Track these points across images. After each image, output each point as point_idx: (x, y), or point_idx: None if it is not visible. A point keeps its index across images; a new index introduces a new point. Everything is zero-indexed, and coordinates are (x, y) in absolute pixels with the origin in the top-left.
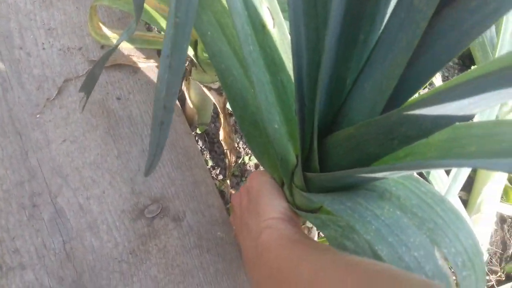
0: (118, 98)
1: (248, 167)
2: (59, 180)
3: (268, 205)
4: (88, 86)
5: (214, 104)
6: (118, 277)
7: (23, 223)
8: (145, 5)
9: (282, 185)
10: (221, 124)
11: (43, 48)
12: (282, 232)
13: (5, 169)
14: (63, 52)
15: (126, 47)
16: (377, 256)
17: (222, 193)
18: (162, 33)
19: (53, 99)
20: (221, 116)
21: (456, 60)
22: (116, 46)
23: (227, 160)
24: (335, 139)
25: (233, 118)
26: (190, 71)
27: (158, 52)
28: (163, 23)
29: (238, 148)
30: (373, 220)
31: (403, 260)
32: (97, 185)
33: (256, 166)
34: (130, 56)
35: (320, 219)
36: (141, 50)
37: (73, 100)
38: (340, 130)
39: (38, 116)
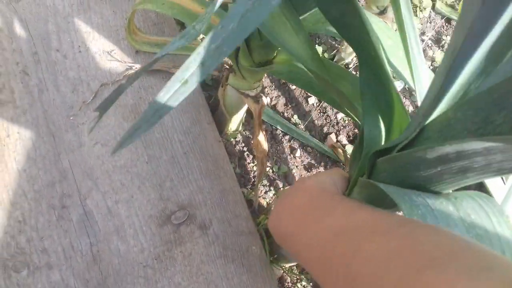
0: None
1: (276, 176)
2: (89, 183)
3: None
4: (108, 103)
5: (246, 112)
6: (143, 282)
7: (52, 223)
8: (182, 4)
9: None
10: (255, 132)
11: (79, 51)
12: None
13: (38, 169)
14: (99, 55)
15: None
16: None
17: (249, 203)
18: (199, 39)
19: (88, 103)
20: (256, 123)
21: None
22: (163, 54)
23: (258, 168)
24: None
25: (264, 126)
26: (227, 78)
27: None
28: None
29: (268, 158)
30: (423, 206)
31: None
32: (126, 189)
33: (285, 176)
34: (164, 62)
35: None
36: (174, 55)
37: None
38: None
39: (71, 118)
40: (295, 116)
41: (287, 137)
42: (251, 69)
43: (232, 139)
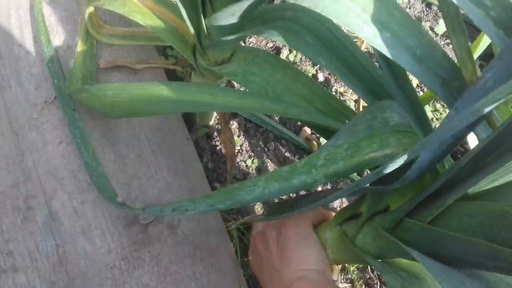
0: None
1: (250, 170)
2: (54, 183)
3: (304, 256)
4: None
5: None
6: (110, 283)
7: (17, 225)
8: (143, 7)
9: None
10: (222, 129)
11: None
12: (316, 285)
13: (1, 169)
14: (63, 50)
15: (125, 47)
16: None
17: None
18: None
19: (52, 101)
20: (222, 121)
21: None
22: None
23: (228, 165)
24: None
25: (236, 120)
26: (190, 75)
27: (158, 51)
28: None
29: (241, 151)
30: None
31: None
32: (92, 189)
33: (258, 170)
34: (130, 58)
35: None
36: (141, 49)
37: None
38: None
39: (35, 116)
40: None
41: (261, 129)
42: (208, 68)
43: (203, 134)
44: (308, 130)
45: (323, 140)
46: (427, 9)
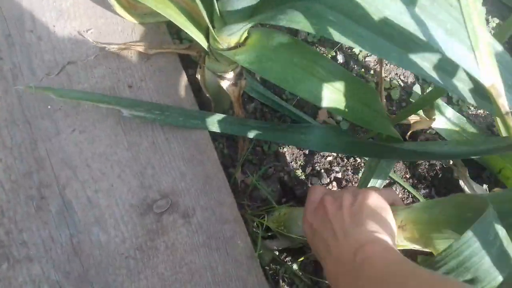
0: (130, 86)
1: (265, 155)
2: (68, 172)
3: (381, 223)
4: None
5: None
6: (125, 273)
7: (31, 215)
8: None
9: None
10: (236, 113)
11: (54, 32)
12: (389, 248)
13: (14, 158)
14: (74, 36)
15: (138, 31)
16: None
17: (234, 190)
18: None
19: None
20: (236, 106)
21: None
22: None
23: (239, 148)
24: None
25: (252, 104)
26: (204, 59)
27: (171, 34)
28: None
29: None
30: None
31: None
32: (106, 178)
33: (275, 155)
34: (142, 42)
35: None
36: (154, 34)
37: (83, 87)
38: None
39: (48, 104)
40: (287, 92)
41: (278, 114)
42: (221, 53)
43: None
44: (325, 113)
45: (343, 124)
46: None
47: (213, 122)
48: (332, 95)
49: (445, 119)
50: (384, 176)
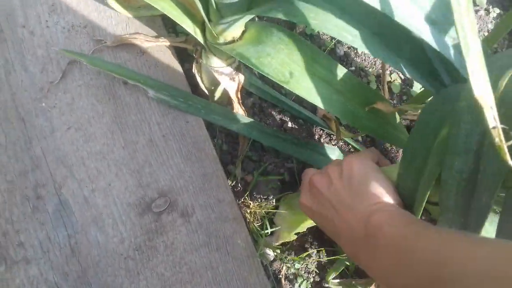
0: (125, 83)
1: (265, 152)
2: (64, 171)
3: (377, 189)
4: None
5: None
6: (124, 274)
7: (27, 215)
8: None
9: None
10: (234, 109)
11: (47, 26)
12: (395, 213)
13: (9, 158)
14: (68, 30)
15: (132, 25)
16: None
17: (234, 187)
18: None
19: (58, 82)
20: (234, 101)
21: None
22: None
23: (240, 147)
24: None
25: (251, 99)
26: (200, 54)
27: (167, 27)
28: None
29: None
30: None
31: None
32: (103, 177)
33: (275, 151)
34: (138, 35)
35: None
36: (149, 27)
37: (78, 84)
38: None
39: (42, 101)
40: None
41: (277, 109)
42: (218, 47)
43: None
44: None
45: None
46: None
47: (241, 126)
48: (333, 96)
49: None
50: None
